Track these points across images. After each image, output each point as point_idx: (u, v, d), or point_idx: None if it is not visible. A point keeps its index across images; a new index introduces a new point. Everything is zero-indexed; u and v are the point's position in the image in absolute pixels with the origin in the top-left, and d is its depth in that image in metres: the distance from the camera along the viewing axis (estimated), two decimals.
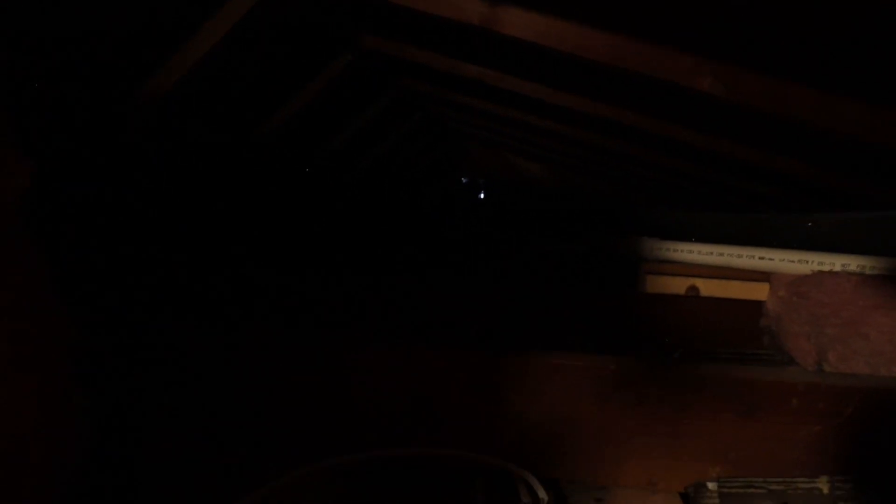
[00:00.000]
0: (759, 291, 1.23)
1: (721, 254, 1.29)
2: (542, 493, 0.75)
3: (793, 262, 1.16)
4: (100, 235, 0.97)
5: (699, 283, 1.27)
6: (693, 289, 1.28)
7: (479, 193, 4.49)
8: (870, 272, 1.06)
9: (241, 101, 1.73)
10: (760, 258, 1.22)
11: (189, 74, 1.28)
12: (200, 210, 1.44)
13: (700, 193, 2.85)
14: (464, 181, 4.52)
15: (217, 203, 1.53)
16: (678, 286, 1.29)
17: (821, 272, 1.08)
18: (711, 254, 1.30)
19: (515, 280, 1.66)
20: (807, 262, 1.14)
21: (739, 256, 1.26)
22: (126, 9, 1.11)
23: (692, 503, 0.73)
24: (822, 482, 0.72)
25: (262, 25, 1.39)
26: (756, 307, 1.23)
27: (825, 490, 0.72)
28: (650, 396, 0.78)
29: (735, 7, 1.09)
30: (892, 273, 1.04)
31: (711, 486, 0.73)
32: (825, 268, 1.11)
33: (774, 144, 1.76)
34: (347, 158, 2.74)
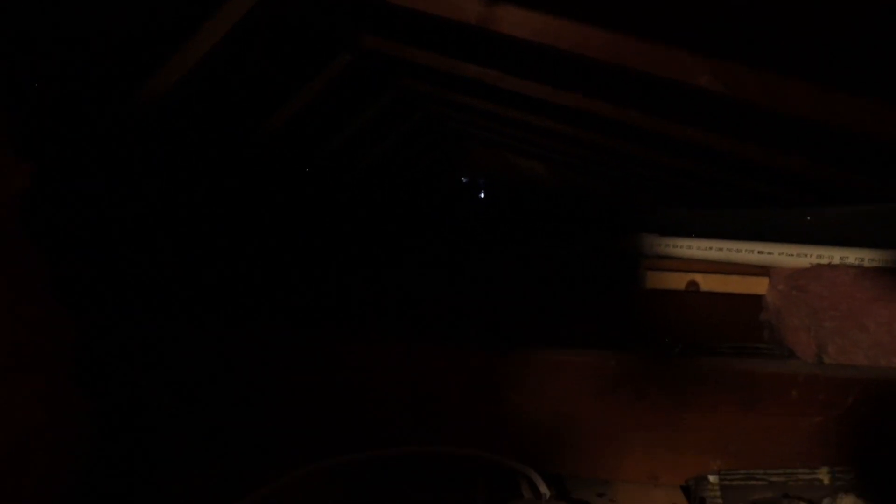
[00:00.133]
0: (759, 285, 1.23)
1: (720, 249, 1.29)
2: (544, 489, 0.75)
3: (791, 256, 1.16)
4: (99, 236, 0.97)
5: (699, 279, 1.28)
6: (693, 284, 1.28)
7: (480, 193, 4.49)
8: (868, 264, 1.06)
9: (242, 102, 1.74)
10: (759, 252, 1.22)
11: (189, 74, 1.28)
12: (201, 210, 1.45)
13: (700, 192, 2.85)
14: (464, 181, 4.52)
15: (218, 203, 1.53)
16: (678, 282, 1.30)
17: (819, 265, 1.08)
18: (710, 249, 1.30)
19: (516, 278, 1.66)
20: (805, 256, 1.14)
21: (738, 251, 1.26)
22: (126, 9, 1.12)
23: (693, 496, 0.73)
24: (823, 473, 0.72)
25: (262, 26, 1.39)
26: (756, 301, 1.24)
27: (826, 481, 0.72)
28: (650, 391, 0.78)
29: (733, 5, 1.09)
30: (891, 265, 1.04)
31: (713, 479, 0.74)
32: (823, 261, 1.11)
33: (773, 140, 1.76)
34: (348, 158, 2.75)
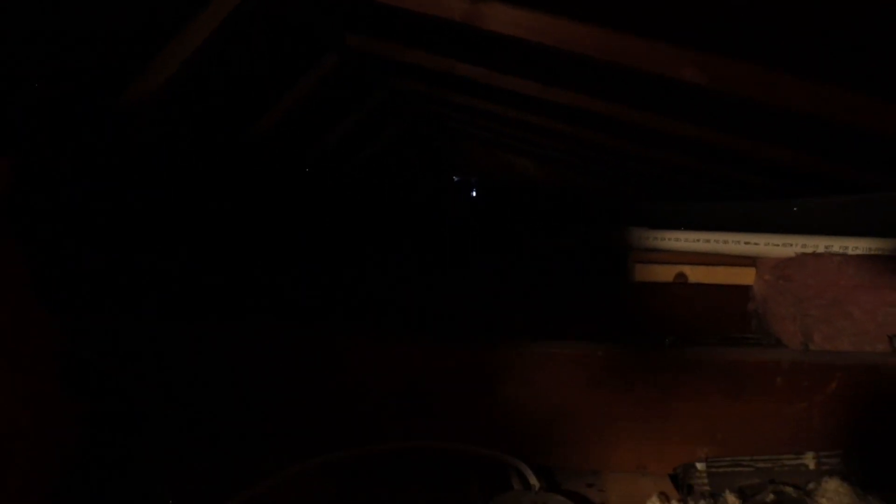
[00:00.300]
0: (746, 276, 1.24)
1: (707, 240, 1.30)
2: (534, 480, 0.76)
3: (777, 246, 1.18)
4: (84, 236, 0.97)
5: (687, 270, 1.29)
6: (681, 276, 1.29)
7: (472, 191, 4.50)
8: (853, 252, 1.07)
9: (230, 104, 1.74)
10: (746, 243, 1.23)
11: (175, 75, 1.28)
12: (189, 210, 1.44)
13: (690, 185, 2.87)
14: (456, 179, 4.53)
15: (206, 203, 1.53)
16: (666, 274, 1.31)
17: (804, 254, 1.09)
18: (698, 241, 1.32)
19: (506, 275, 1.66)
20: (791, 246, 1.16)
21: (725, 242, 1.27)
22: (109, 9, 1.11)
23: (681, 484, 0.74)
24: (809, 458, 0.73)
25: (247, 26, 1.39)
26: (743, 292, 1.25)
27: (811, 465, 0.73)
28: (638, 382, 0.79)
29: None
30: (874, 252, 1.05)
31: (700, 467, 0.74)
32: (809, 250, 1.12)
33: (759, 132, 1.78)
34: (338, 158, 2.75)
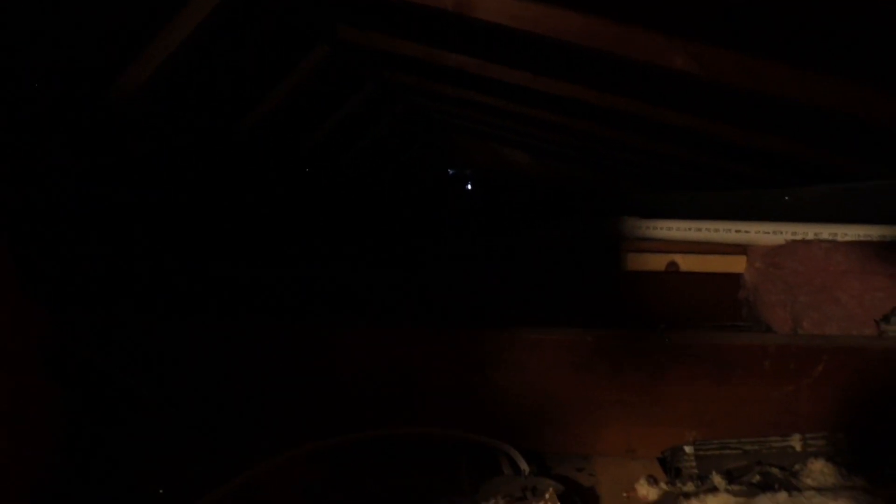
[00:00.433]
0: (737, 264, 1.25)
1: (699, 229, 1.30)
2: (524, 465, 0.76)
3: (768, 234, 1.18)
4: (73, 230, 0.97)
5: (679, 259, 1.29)
6: (673, 264, 1.29)
7: (467, 184, 4.50)
8: (841, 239, 1.08)
9: (220, 96, 1.73)
10: (737, 231, 1.24)
11: (163, 67, 1.27)
12: (180, 204, 1.44)
13: (683, 176, 2.87)
14: (451, 173, 4.52)
15: (198, 197, 1.52)
16: (658, 263, 1.31)
17: (794, 241, 1.10)
18: (689, 229, 1.32)
19: (498, 266, 1.67)
20: (781, 233, 1.16)
21: (716, 231, 1.28)
22: (94, 2, 1.10)
23: (670, 467, 0.75)
24: (795, 440, 0.74)
25: (235, 18, 1.38)
26: (734, 280, 1.25)
27: (798, 447, 0.73)
28: (627, 366, 0.79)
29: None
30: (863, 239, 1.06)
31: (688, 450, 0.75)
32: (798, 237, 1.13)
33: (751, 121, 1.78)
34: (331, 152, 2.74)
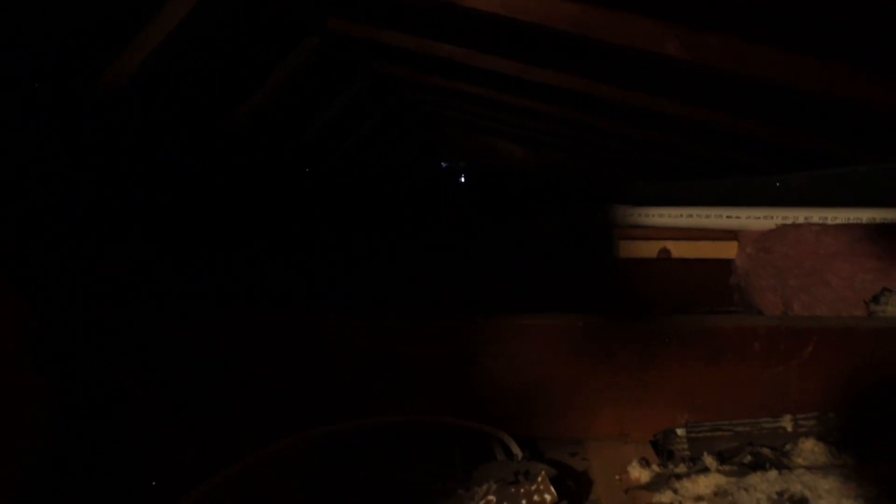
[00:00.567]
0: (729, 250, 1.25)
1: (690, 215, 1.31)
2: (517, 450, 0.76)
3: (759, 219, 1.19)
4: (54, 224, 0.96)
5: (671, 246, 1.29)
6: (665, 251, 1.30)
7: (460, 177, 4.49)
8: (831, 222, 1.08)
9: (209, 89, 1.71)
10: (728, 217, 1.24)
11: (149, 60, 1.25)
12: (168, 196, 1.43)
13: (675, 165, 2.88)
14: (444, 166, 4.51)
15: (186, 190, 1.51)
16: (650, 250, 1.31)
17: (784, 226, 1.10)
18: (681, 216, 1.32)
19: (492, 255, 1.67)
20: (772, 218, 1.16)
21: (707, 216, 1.28)
22: None
23: (662, 450, 0.75)
24: (787, 420, 0.74)
25: (223, 9, 1.37)
26: (726, 266, 1.26)
27: (789, 428, 0.74)
28: (618, 351, 0.79)
29: None
30: (853, 221, 1.06)
31: (680, 432, 0.75)
32: (789, 222, 1.13)
33: (742, 109, 1.78)
34: (322, 146, 2.72)
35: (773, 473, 0.61)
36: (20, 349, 0.60)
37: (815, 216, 1.12)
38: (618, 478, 0.70)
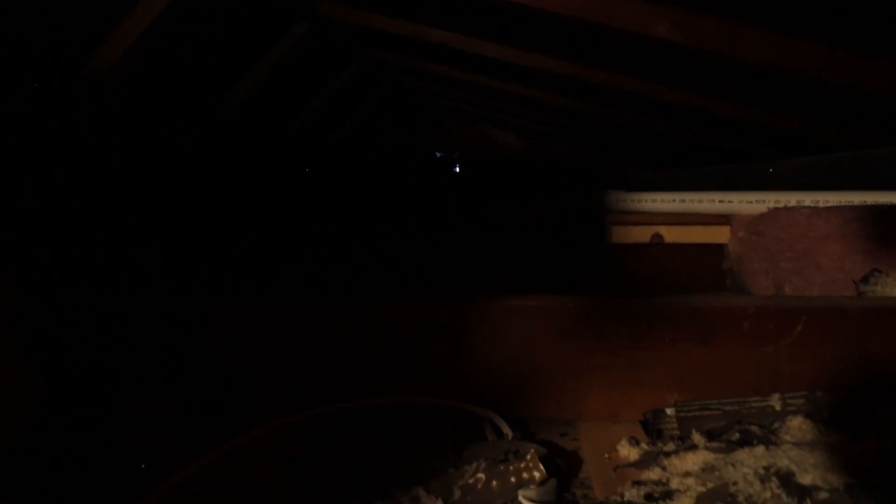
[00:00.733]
0: (721, 234, 1.25)
1: (683, 200, 1.31)
2: (507, 430, 0.76)
3: (751, 203, 1.19)
4: (41, 209, 0.94)
5: (663, 231, 1.29)
6: (657, 236, 1.30)
7: (455, 167, 4.47)
8: (823, 205, 1.08)
9: (196, 78, 1.68)
10: (720, 201, 1.24)
11: (136, 46, 1.23)
12: (153, 187, 1.41)
13: (670, 153, 2.88)
14: (439, 156, 4.50)
15: (175, 179, 1.50)
16: (643, 235, 1.31)
17: (776, 209, 1.10)
18: (674, 201, 1.32)
19: (486, 242, 1.66)
20: (764, 202, 1.16)
21: (700, 201, 1.28)
22: None
23: (651, 429, 0.75)
24: (775, 399, 0.74)
25: None
26: (718, 251, 1.26)
27: (778, 407, 0.74)
28: (608, 331, 0.79)
29: None
30: (844, 203, 1.06)
31: (669, 412, 0.75)
32: (781, 205, 1.13)
33: (736, 94, 1.78)
34: (313, 136, 2.70)
35: (761, 449, 0.61)
36: (6, 332, 0.59)
37: (807, 199, 1.12)
38: (607, 456, 0.70)
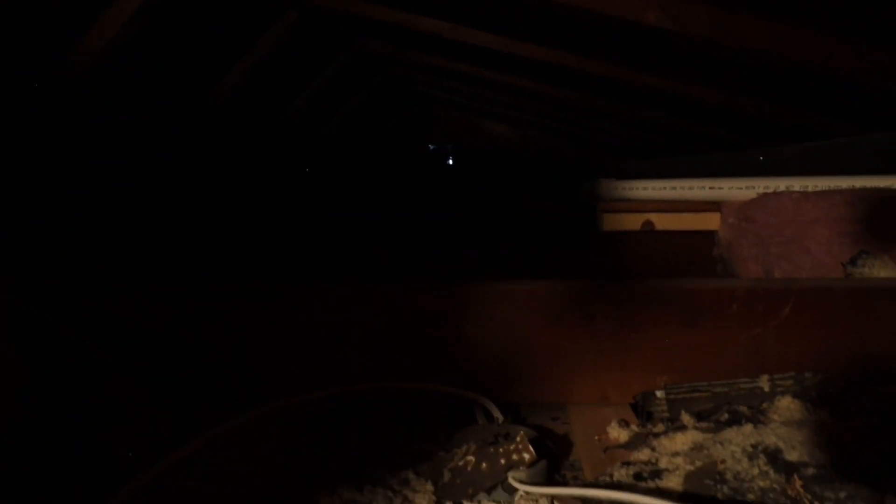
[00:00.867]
0: (712, 221, 1.26)
1: (674, 187, 1.31)
2: (497, 414, 0.76)
3: (741, 189, 1.19)
4: (30, 196, 0.93)
5: (654, 218, 1.29)
6: (648, 223, 1.30)
7: (448, 159, 4.47)
8: (812, 190, 1.08)
9: (181, 69, 1.66)
10: (710, 188, 1.24)
11: (120, 35, 1.22)
12: (140, 177, 1.40)
13: (662, 144, 2.88)
14: (432, 148, 4.48)
15: (162, 170, 1.48)
16: (634, 222, 1.31)
17: (766, 194, 1.10)
18: (664, 188, 1.32)
19: (479, 233, 1.66)
20: (754, 188, 1.17)
21: (691, 188, 1.28)
22: None
23: (641, 411, 0.75)
24: (764, 381, 0.75)
25: None
26: (709, 237, 1.26)
27: (766, 388, 0.75)
28: (598, 315, 0.79)
29: None
30: (832, 188, 1.07)
31: (659, 394, 0.76)
32: (770, 191, 1.13)
33: (726, 83, 1.78)
34: (304, 127, 2.68)
35: (749, 428, 0.61)
36: None
37: (797, 185, 1.12)
38: (597, 438, 0.70)
